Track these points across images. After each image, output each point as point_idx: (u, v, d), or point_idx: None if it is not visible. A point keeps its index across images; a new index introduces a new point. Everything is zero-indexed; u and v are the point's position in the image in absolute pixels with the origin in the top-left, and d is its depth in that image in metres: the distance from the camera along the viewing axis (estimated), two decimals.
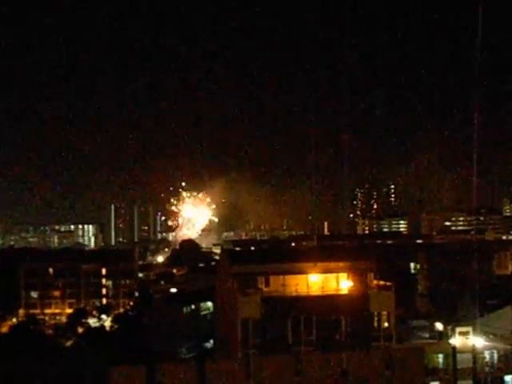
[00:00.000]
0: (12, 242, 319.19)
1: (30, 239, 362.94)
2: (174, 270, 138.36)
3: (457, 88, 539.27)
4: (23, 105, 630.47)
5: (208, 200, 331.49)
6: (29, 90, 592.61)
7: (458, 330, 49.23)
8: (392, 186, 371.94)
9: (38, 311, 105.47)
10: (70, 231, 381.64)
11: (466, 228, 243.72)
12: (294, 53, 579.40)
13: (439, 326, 52.88)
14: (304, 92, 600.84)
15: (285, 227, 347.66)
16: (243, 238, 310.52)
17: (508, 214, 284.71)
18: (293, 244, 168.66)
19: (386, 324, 49.03)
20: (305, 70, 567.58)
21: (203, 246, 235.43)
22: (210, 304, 78.45)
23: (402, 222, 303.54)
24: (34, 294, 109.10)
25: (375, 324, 48.70)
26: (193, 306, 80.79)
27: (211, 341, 68.82)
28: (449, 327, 50.79)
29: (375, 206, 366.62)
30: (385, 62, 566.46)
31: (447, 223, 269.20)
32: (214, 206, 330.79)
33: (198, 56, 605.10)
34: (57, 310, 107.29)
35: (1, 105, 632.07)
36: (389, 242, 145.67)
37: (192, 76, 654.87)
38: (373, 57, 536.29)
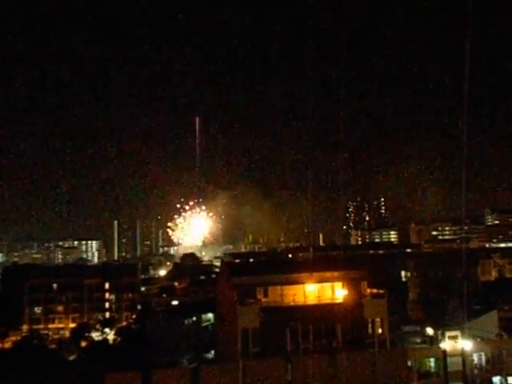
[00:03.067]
0: (16, 259, 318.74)
1: (34, 255, 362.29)
2: (176, 283, 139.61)
3: (443, 99, 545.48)
4: (25, 120, 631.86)
5: (210, 214, 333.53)
6: (32, 105, 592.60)
7: (447, 334, 51.04)
8: (382, 199, 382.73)
9: (41, 326, 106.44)
10: (74, 247, 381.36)
11: (451, 237, 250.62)
12: (293, 65, 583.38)
13: (430, 331, 54.85)
14: (298, 108, 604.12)
15: (282, 239, 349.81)
16: (242, 250, 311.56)
17: (490, 224, 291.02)
18: (290, 255, 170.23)
19: (380, 330, 51.04)
20: (301, 84, 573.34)
21: (204, 259, 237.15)
22: (210, 315, 79.72)
23: (392, 232, 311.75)
24: (38, 310, 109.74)
25: (369, 330, 50.68)
26: (194, 318, 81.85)
27: (212, 351, 70.25)
28: (439, 332, 52.67)
29: (367, 218, 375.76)
30: (372, 74, 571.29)
31: (434, 233, 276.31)
32: (215, 221, 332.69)
33: (199, 67, 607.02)
34: (60, 325, 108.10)
35: (3, 120, 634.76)
36: (380, 251, 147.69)
37: (195, 89, 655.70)
38: (361, 70, 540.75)
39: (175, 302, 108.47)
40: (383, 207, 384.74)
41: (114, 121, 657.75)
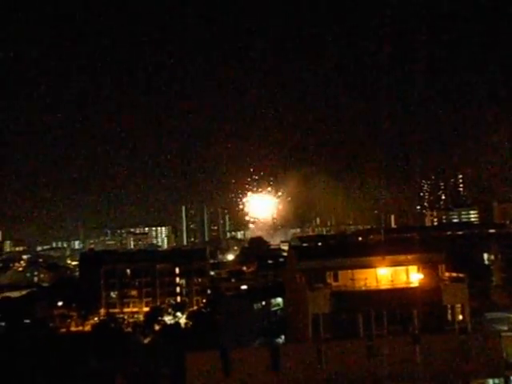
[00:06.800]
0: (92, 246, 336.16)
1: (108, 242, 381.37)
2: (244, 268, 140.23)
3: None
4: (89, 107, 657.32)
5: (278, 197, 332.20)
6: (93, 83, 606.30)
7: None
8: (460, 176, 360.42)
9: (117, 310, 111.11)
10: (145, 233, 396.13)
11: None
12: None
13: None
14: (371, 88, 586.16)
15: (351, 222, 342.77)
16: (310, 234, 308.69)
17: None
18: (360, 238, 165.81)
19: (461, 317, 47.78)
20: (370, 58, 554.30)
21: (272, 243, 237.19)
22: (279, 300, 78.91)
23: (472, 212, 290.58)
24: (114, 294, 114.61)
25: (449, 317, 47.61)
26: (263, 303, 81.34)
27: (282, 337, 69.45)
28: None
29: (443, 197, 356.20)
30: (447, 41, 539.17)
31: None
32: (283, 204, 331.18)
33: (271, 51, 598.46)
34: (135, 309, 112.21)
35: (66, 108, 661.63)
36: (459, 232, 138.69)
37: (266, 72, 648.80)
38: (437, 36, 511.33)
39: (244, 287, 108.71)
40: (461, 185, 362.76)
41: (178, 106, 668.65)
